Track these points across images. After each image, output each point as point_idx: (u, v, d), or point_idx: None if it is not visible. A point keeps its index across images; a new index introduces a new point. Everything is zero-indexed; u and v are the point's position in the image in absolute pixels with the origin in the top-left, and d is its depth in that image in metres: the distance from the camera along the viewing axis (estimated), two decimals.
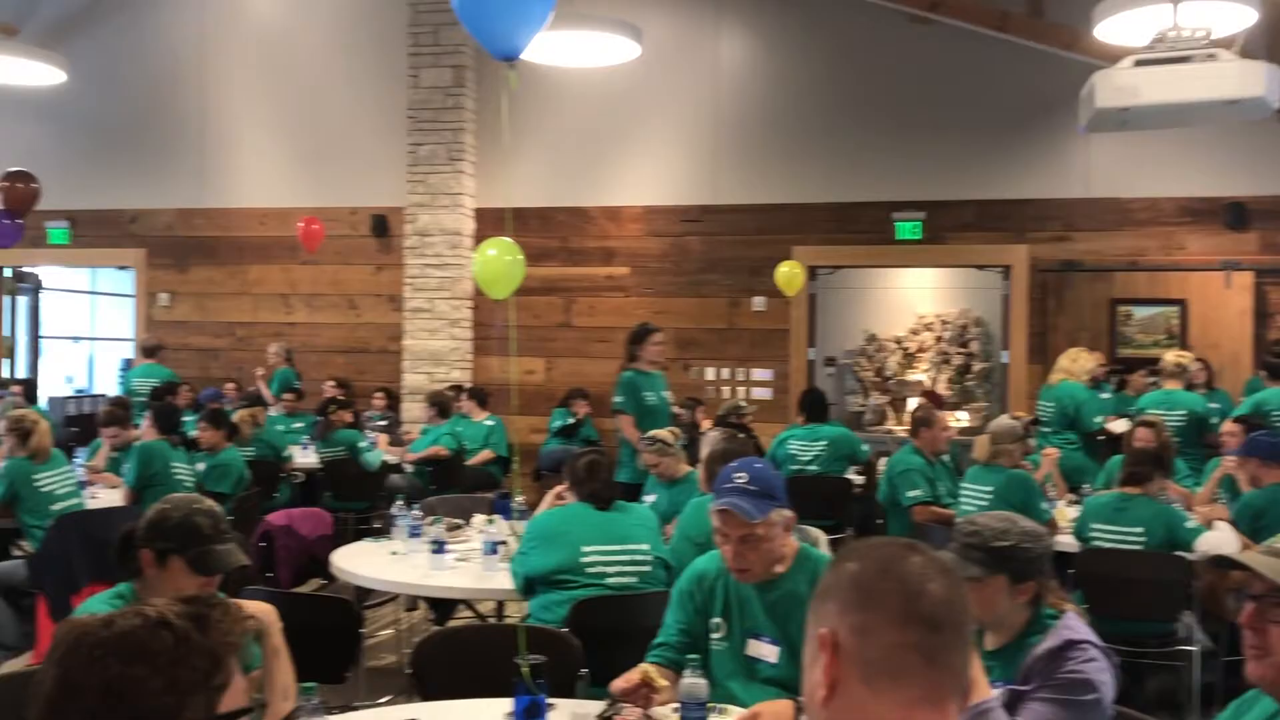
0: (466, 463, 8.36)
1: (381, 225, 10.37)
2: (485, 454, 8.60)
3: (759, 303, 9.63)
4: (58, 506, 5.49)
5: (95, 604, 2.57)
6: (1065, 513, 5.70)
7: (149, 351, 10.03)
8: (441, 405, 8.57)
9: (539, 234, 9.87)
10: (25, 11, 11.05)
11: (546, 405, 9.90)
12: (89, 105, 10.92)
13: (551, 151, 10.05)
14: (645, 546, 3.77)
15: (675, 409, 7.20)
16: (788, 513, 2.72)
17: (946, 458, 6.27)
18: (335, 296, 10.61)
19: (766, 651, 2.74)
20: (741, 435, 4.90)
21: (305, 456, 8.22)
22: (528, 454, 9.41)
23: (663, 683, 2.61)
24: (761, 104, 9.71)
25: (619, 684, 2.63)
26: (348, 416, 8.24)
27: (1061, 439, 7.01)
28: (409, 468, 8.26)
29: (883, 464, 6.73)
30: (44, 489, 5.53)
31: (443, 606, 5.18)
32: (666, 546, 4.02)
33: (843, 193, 9.49)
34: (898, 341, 11.95)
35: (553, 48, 6.51)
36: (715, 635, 2.81)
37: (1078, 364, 7.39)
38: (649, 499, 5.12)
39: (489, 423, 8.82)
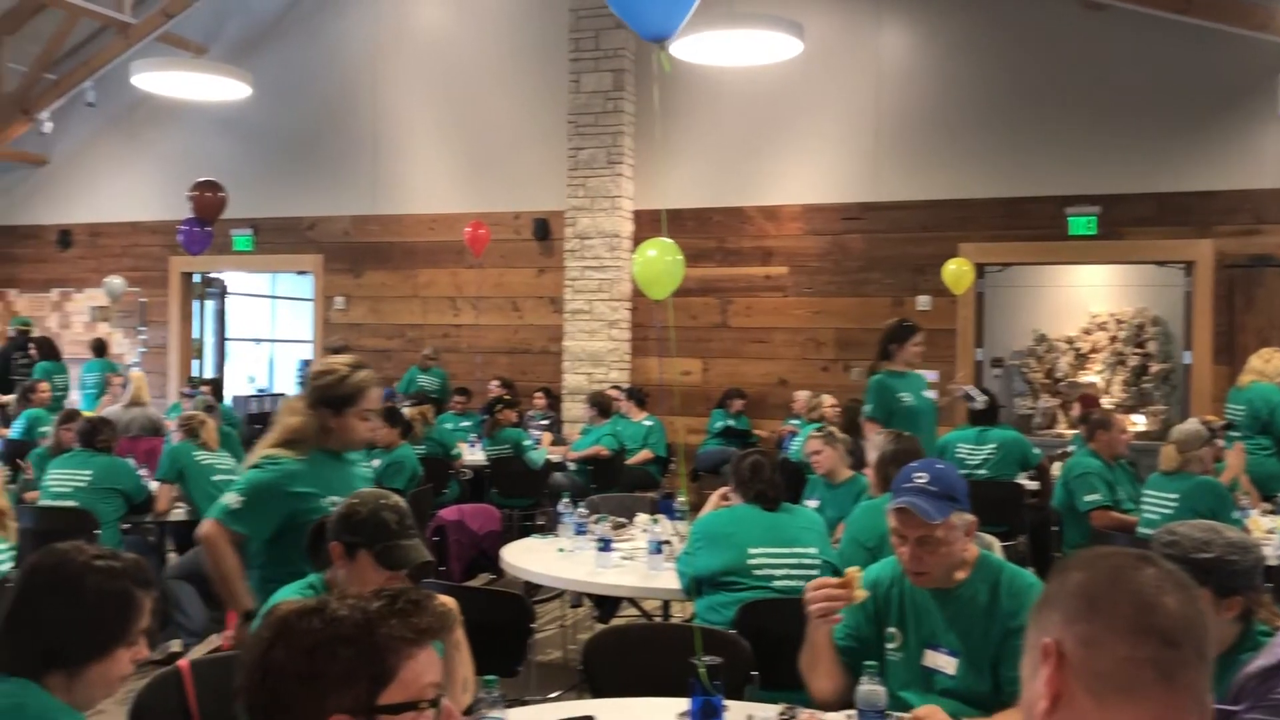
0: (626, 462, 8.44)
1: (543, 229, 10.58)
2: (644, 454, 8.66)
3: (924, 302, 9.40)
4: (218, 479, 5.86)
5: (287, 593, 2.68)
6: (1259, 522, 5.36)
7: (335, 352, 10.51)
8: (602, 405, 8.67)
9: (696, 234, 9.89)
10: (213, 31, 11.72)
11: (703, 406, 9.91)
12: (271, 118, 11.50)
13: (709, 152, 10.05)
14: (813, 550, 3.71)
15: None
16: (969, 516, 2.63)
17: (1125, 461, 5.99)
18: (499, 299, 10.87)
19: (944, 662, 2.64)
20: (908, 434, 4.77)
21: (472, 454, 8.44)
22: (686, 455, 9.43)
23: (860, 592, 2.60)
24: (925, 97, 9.48)
25: (817, 582, 2.66)
26: (513, 416, 8.42)
27: (1254, 444, 6.59)
28: (571, 466, 8.39)
29: (1057, 469, 6.48)
30: (204, 463, 5.90)
31: (607, 604, 5.24)
32: (835, 550, 3.95)
33: (1012, 187, 9.18)
34: (1069, 342, 11.47)
35: (715, 48, 6.51)
36: (890, 645, 2.73)
37: (1271, 365, 6.92)
38: (811, 504, 5.05)
39: (647, 423, 8.88)
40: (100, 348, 11.26)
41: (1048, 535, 5.96)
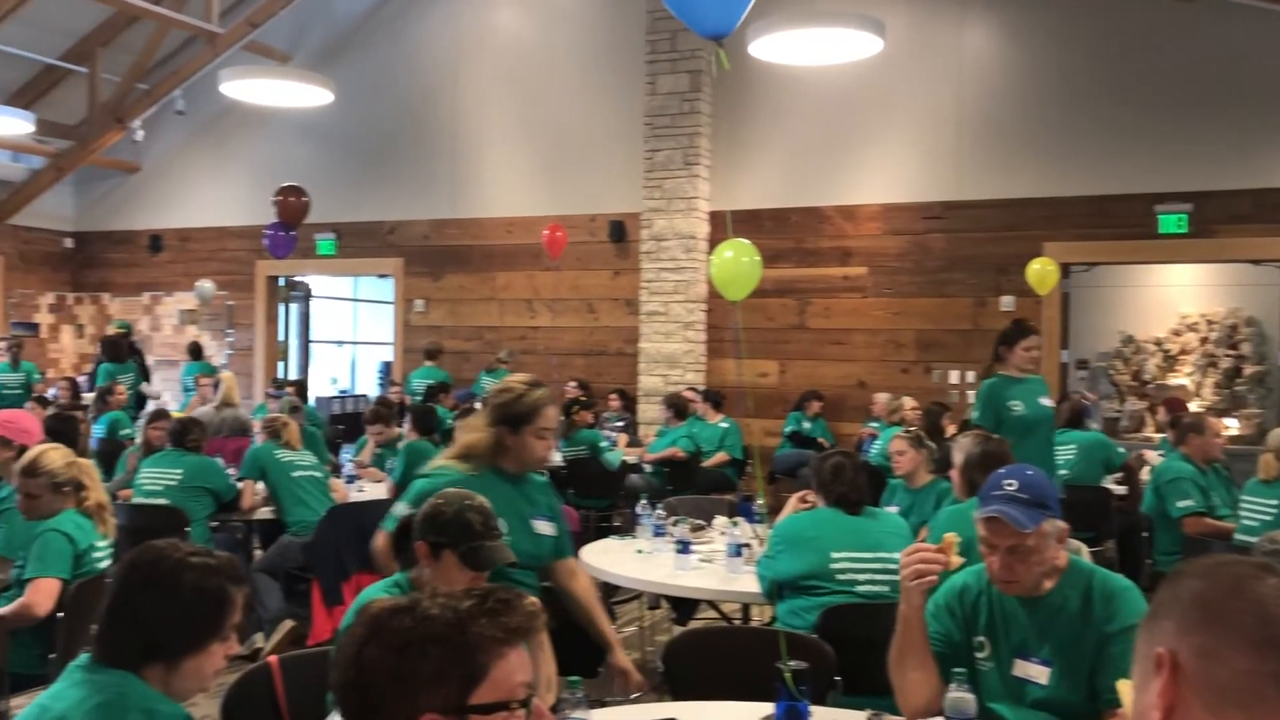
0: (702, 464, 8.41)
1: (619, 231, 10.60)
2: (720, 456, 8.63)
3: (1007, 302, 9.22)
4: (298, 475, 5.98)
5: (373, 591, 2.71)
6: None
7: (430, 354, 10.70)
8: (678, 407, 8.66)
9: (773, 235, 9.82)
10: (296, 40, 11.97)
11: (780, 408, 9.84)
12: (352, 124, 11.70)
13: (787, 152, 9.99)
14: (898, 555, 3.63)
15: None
16: (1061, 523, 2.55)
17: (1219, 465, 5.80)
18: (575, 301, 10.92)
19: (1035, 672, 2.57)
20: (996, 436, 4.67)
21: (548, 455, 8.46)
22: (762, 457, 9.37)
23: (956, 559, 2.54)
24: (1009, 92, 9.30)
25: (913, 546, 2.61)
26: (589, 417, 8.44)
27: None
28: (647, 468, 8.39)
29: (1146, 473, 6.31)
30: (284, 460, 6.03)
31: (685, 606, 5.22)
32: None
33: (1100, 184, 8.97)
34: (1157, 343, 11.18)
35: (796, 47, 6.47)
36: (980, 654, 2.67)
37: None
38: (891, 509, 4.98)
39: (723, 425, 8.84)
40: (197, 350, 11.69)
41: (1138, 541, 5.79)
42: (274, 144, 12.17)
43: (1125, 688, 2.26)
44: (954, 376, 9.45)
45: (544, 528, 3.26)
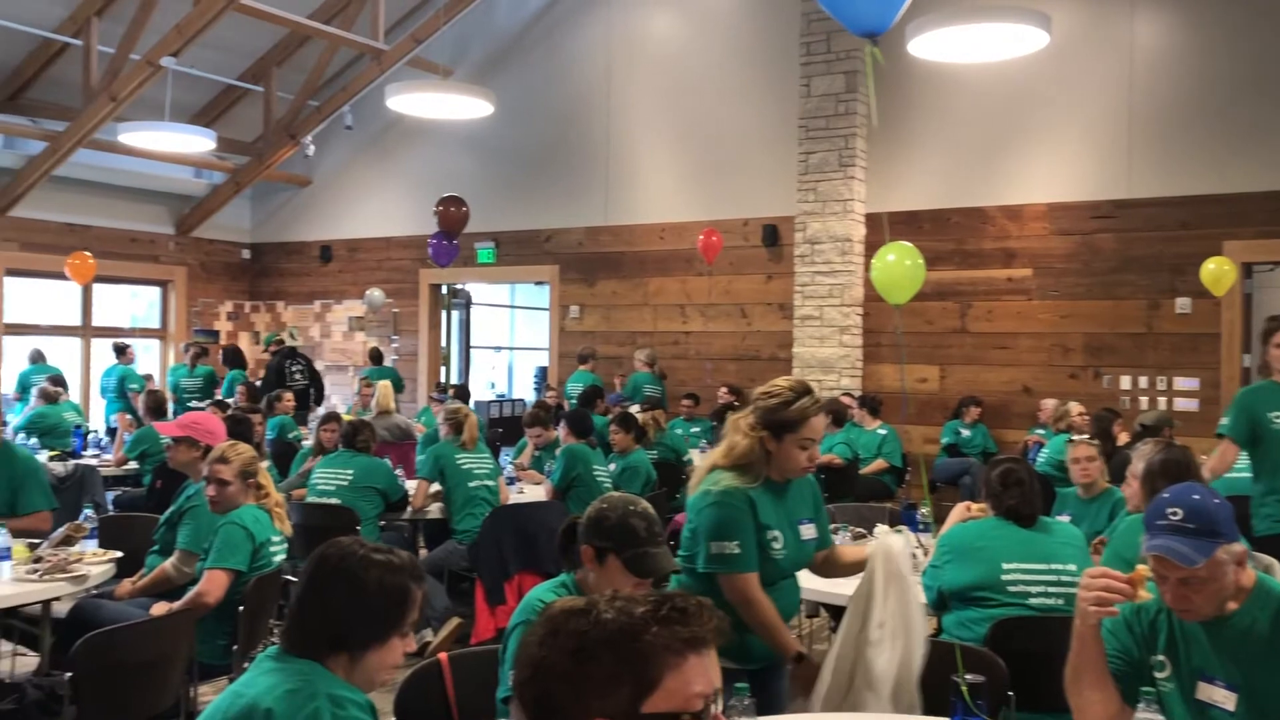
0: (860, 472, 8.28)
1: (772, 235, 10.53)
2: (878, 463, 8.48)
3: (1183, 304, 8.76)
4: (474, 484, 6.13)
5: (539, 592, 2.76)
6: None
7: (583, 359, 10.88)
8: (836, 413, 8.53)
9: (932, 236, 9.59)
10: (458, 54, 12.33)
11: (941, 415, 9.59)
12: (511, 135, 11.98)
13: (947, 151, 9.74)
14: (1073, 567, 3.50)
15: None
16: (1237, 548, 2.35)
17: None
18: (728, 305, 10.90)
19: (1220, 697, 2.41)
20: (1178, 445, 4.44)
21: (702, 460, 8.47)
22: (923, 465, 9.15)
23: (1144, 593, 2.39)
24: (1183, 84, 8.84)
25: (1099, 570, 2.44)
26: None
27: None
28: None
29: None
30: (464, 466, 6.18)
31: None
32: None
33: None
34: None
35: (957, 44, 6.30)
36: (1160, 674, 2.52)
37: None
38: (1063, 519, 4.79)
39: (881, 432, 8.69)
40: (378, 356, 12.22)
41: None
42: (436, 156, 12.55)
43: None
44: (1125, 382, 9.03)
45: (809, 532, 3.21)
